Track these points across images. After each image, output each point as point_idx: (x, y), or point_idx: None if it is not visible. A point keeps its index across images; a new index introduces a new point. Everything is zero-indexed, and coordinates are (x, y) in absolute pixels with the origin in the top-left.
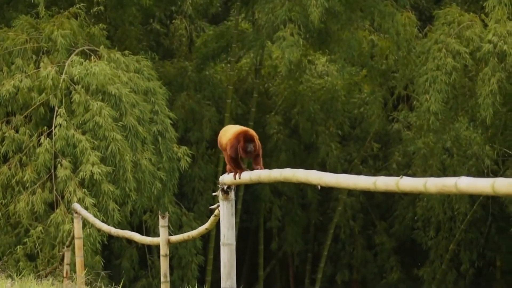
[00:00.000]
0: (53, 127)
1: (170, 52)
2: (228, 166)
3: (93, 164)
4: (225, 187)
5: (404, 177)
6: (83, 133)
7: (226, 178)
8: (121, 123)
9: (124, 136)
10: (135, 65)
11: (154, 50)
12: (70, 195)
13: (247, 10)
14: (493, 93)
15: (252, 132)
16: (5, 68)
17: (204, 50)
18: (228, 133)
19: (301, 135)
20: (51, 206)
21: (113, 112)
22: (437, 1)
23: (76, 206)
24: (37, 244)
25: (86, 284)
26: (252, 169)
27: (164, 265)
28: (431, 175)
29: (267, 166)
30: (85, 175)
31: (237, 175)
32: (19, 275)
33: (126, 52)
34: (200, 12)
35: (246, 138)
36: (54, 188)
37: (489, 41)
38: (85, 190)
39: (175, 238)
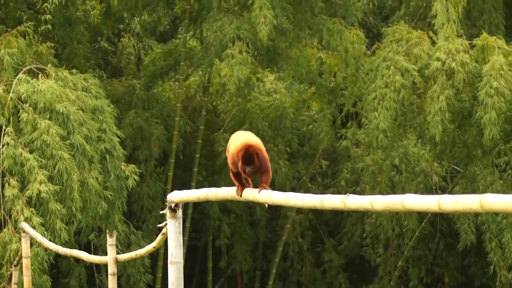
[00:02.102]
0: (0, 146)
1: (118, 70)
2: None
3: (40, 183)
4: (173, 205)
5: (351, 195)
6: (31, 152)
7: (174, 196)
8: (68, 141)
9: (71, 155)
10: (83, 84)
11: (102, 68)
12: (18, 214)
13: (195, 28)
14: (442, 111)
15: (253, 149)
16: None
17: (152, 68)
18: (234, 144)
19: None
20: None
21: (61, 131)
22: (385, 19)
23: (24, 225)
24: None
25: None
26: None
27: (112, 284)
28: (380, 192)
29: (216, 184)
30: (33, 193)
31: (238, 191)
32: None
33: (74, 70)
34: (148, 30)
35: (245, 159)
36: (2, 207)
37: (438, 59)
38: (33, 209)
39: (123, 256)
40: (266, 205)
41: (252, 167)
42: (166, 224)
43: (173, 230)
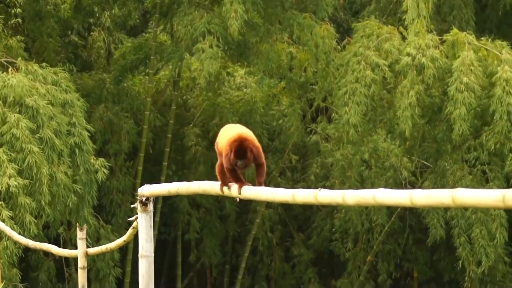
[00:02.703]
0: None
1: (88, 64)
2: (217, 172)
3: (10, 177)
4: (144, 199)
5: (323, 190)
6: (0, 146)
7: (145, 190)
8: (38, 135)
9: (41, 149)
10: (52, 77)
11: (72, 62)
12: None
13: (165, 22)
14: (411, 106)
15: (247, 143)
16: None
17: (122, 62)
18: (224, 137)
19: None
20: None
21: (31, 124)
22: (355, 14)
23: None
24: None
25: None
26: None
27: (82, 278)
28: (349, 187)
29: (185, 178)
30: (2, 187)
31: (239, 189)
32: None
33: (44, 64)
34: (119, 24)
35: (237, 153)
36: None
37: (408, 54)
38: (2, 203)
39: (93, 250)
40: (238, 199)
41: (244, 161)
42: (136, 218)
43: (143, 224)
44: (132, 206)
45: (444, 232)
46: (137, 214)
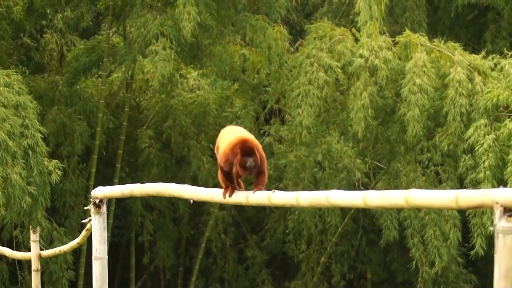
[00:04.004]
0: None
1: (40, 67)
2: (220, 179)
3: None
4: (97, 201)
5: (276, 191)
6: None
7: (98, 192)
8: None
9: None
10: (5, 80)
11: (24, 65)
12: None
13: (118, 25)
14: (364, 107)
15: (253, 141)
16: None
17: (75, 64)
18: (225, 139)
19: (173, 149)
20: None
21: None
22: (308, 16)
23: None
24: None
25: None
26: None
27: (35, 280)
28: (303, 188)
29: (139, 180)
30: None
31: (227, 193)
32: None
33: None
34: (71, 26)
35: (244, 151)
36: None
37: (361, 56)
38: None
39: (46, 252)
40: (191, 201)
41: (253, 159)
42: (90, 220)
43: (97, 226)
44: (85, 208)
45: (397, 233)
46: (90, 216)
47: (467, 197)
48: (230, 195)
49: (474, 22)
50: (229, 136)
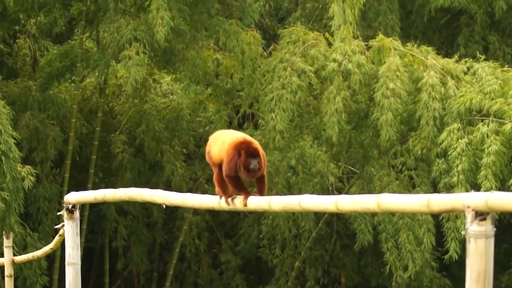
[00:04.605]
0: None
1: (13, 72)
2: (217, 188)
3: None
4: (70, 206)
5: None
6: None
7: (71, 197)
8: None
9: None
10: None
11: None
12: None
13: (91, 30)
14: (338, 112)
15: (256, 143)
16: None
17: (48, 69)
18: (221, 142)
19: (146, 154)
20: None
21: None
22: (281, 20)
23: None
24: None
25: None
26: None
27: (8, 286)
28: (277, 193)
29: (112, 185)
30: None
31: (244, 201)
32: None
33: None
34: (44, 31)
35: (249, 152)
36: None
37: (334, 60)
38: None
39: (19, 258)
40: (164, 206)
41: (258, 161)
42: (63, 225)
43: (70, 231)
44: (58, 213)
45: (371, 237)
46: (63, 221)
47: (438, 201)
48: (245, 203)
49: (447, 26)
50: (227, 138)
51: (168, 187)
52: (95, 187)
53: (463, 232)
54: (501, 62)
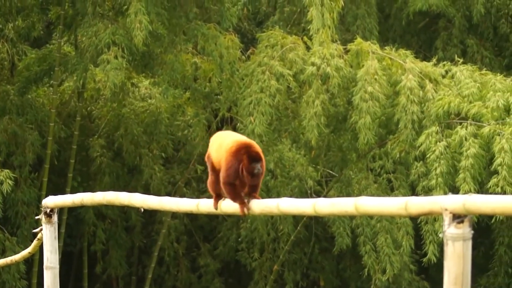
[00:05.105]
0: None
1: None
2: (211, 188)
3: None
4: (48, 210)
5: (226, 199)
6: None
7: (49, 201)
8: None
9: None
10: None
11: None
12: None
13: (70, 34)
14: (317, 115)
15: (255, 145)
16: None
17: (26, 73)
18: (219, 147)
19: (125, 158)
20: None
21: None
22: (260, 24)
23: None
24: None
25: None
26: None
27: None
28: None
29: (91, 189)
30: None
31: (244, 208)
32: None
33: None
34: (22, 35)
35: (251, 156)
36: None
37: (313, 64)
38: None
39: None
40: (142, 209)
41: (260, 165)
42: (41, 230)
43: (48, 236)
44: (36, 217)
45: (350, 240)
46: (42, 225)
47: (416, 204)
48: (247, 211)
49: (425, 29)
50: (228, 141)
51: (146, 191)
52: (74, 191)
53: (440, 235)
54: (479, 65)
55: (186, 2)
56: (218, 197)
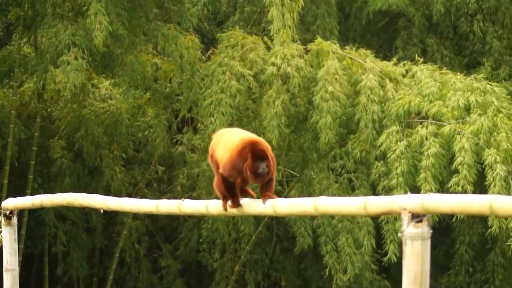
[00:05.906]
0: None
1: None
2: (218, 189)
3: None
4: (7, 212)
5: (186, 200)
6: None
7: (9, 203)
8: None
9: None
10: None
11: None
12: None
13: (29, 35)
14: (278, 115)
15: (263, 143)
16: None
17: None
18: (224, 144)
19: (85, 159)
20: None
21: None
22: (220, 24)
23: None
24: None
25: None
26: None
27: None
28: (216, 198)
29: (51, 191)
30: None
31: (230, 205)
32: None
33: None
34: None
35: (256, 155)
36: None
37: (273, 64)
38: None
39: None
40: (102, 211)
41: (266, 164)
42: (0, 232)
43: (8, 238)
44: None
45: (311, 240)
46: (1, 228)
47: (375, 203)
48: (236, 207)
49: (386, 29)
50: (233, 138)
51: (107, 192)
52: (34, 192)
53: (400, 234)
54: (439, 64)
55: (146, 2)
56: (226, 198)
